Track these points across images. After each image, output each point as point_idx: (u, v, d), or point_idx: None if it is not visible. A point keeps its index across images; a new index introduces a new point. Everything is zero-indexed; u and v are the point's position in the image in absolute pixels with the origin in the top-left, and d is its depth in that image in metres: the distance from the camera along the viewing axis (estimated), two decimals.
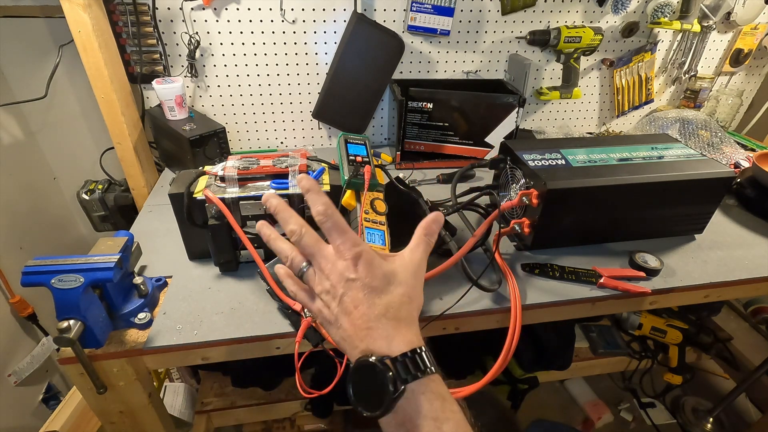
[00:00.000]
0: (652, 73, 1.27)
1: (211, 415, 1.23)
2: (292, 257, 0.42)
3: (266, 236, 0.44)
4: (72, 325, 0.53)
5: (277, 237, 0.44)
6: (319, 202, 0.40)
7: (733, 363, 1.42)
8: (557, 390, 1.56)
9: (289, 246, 0.42)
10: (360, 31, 1.01)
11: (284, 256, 0.42)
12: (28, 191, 1.09)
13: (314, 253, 0.40)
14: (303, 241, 0.40)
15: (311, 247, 0.40)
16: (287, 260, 0.42)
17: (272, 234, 0.44)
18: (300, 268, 0.41)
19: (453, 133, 1.08)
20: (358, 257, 0.39)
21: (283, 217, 0.42)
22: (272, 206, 0.42)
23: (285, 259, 0.42)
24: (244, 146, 1.18)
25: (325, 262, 0.39)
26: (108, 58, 0.88)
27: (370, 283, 0.38)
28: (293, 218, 0.41)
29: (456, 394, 0.59)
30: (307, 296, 0.42)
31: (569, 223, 0.76)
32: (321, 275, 0.40)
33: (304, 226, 0.41)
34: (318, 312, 0.40)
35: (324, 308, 0.40)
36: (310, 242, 0.40)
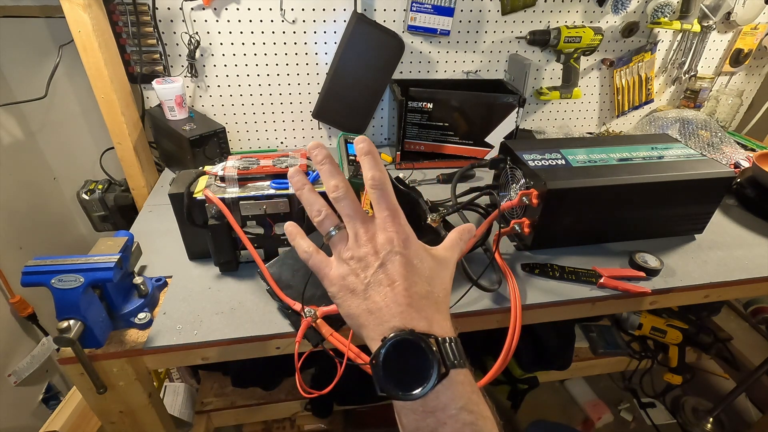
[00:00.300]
0: (652, 73, 1.27)
1: (211, 415, 1.23)
2: (325, 214, 0.38)
3: (299, 184, 0.40)
4: (72, 325, 0.53)
5: (311, 188, 0.40)
6: (375, 167, 0.37)
7: (733, 363, 1.42)
8: (557, 390, 1.56)
9: (322, 201, 0.39)
10: (360, 31, 1.01)
11: (315, 210, 0.38)
12: (28, 191, 1.09)
13: (354, 216, 0.37)
14: (346, 200, 0.37)
15: (353, 209, 0.37)
16: (319, 214, 0.38)
17: (307, 184, 0.40)
18: (330, 229, 0.38)
19: (453, 133, 1.08)
20: (407, 236, 0.37)
21: (329, 170, 0.38)
22: (319, 156, 0.39)
23: (316, 213, 0.38)
24: (244, 146, 1.18)
25: (366, 229, 0.37)
26: (108, 58, 0.88)
27: (413, 262, 0.36)
28: (339, 176, 0.38)
29: None
30: (323, 260, 0.39)
31: (569, 223, 0.76)
32: (356, 241, 0.37)
33: (349, 188, 0.38)
34: (338, 278, 0.37)
35: (351, 275, 0.36)
36: (354, 204, 0.37)
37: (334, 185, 0.38)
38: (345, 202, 0.37)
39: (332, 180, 0.38)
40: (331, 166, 0.39)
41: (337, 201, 0.37)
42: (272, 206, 0.68)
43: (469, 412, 0.31)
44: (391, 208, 0.37)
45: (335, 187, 0.37)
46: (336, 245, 0.38)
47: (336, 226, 0.38)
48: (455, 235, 0.42)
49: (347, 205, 0.37)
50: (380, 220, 0.37)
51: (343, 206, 0.37)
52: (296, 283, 0.64)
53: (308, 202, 0.39)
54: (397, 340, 0.32)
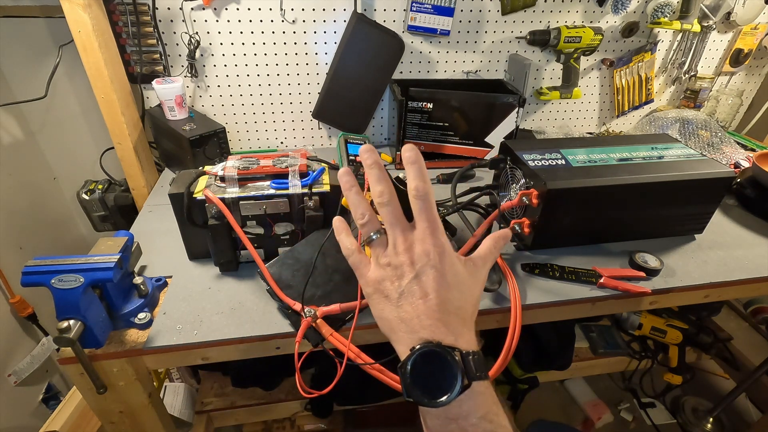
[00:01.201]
0: (652, 73, 1.27)
1: (211, 415, 1.23)
2: (369, 217, 0.40)
3: (348, 184, 0.41)
4: (72, 325, 0.52)
5: (358, 190, 0.41)
6: (420, 177, 0.39)
7: (733, 363, 1.42)
8: (557, 390, 1.56)
9: (367, 205, 0.40)
10: (360, 31, 1.01)
11: (359, 213, 0.40)
12: (28, 191, 1.09)
13: (395, 224, 0.39)
14: (390, 207, 0.39)
15: (396, 217, 0.39)
16: (362, 218, 0.40)
17: (355, 185, 0.41)
18: (371, 233, 0.40)
19: (453, 133, 1.08)
20: (444, 250, 0.38)
21: (377, 175, 0.40)
22: (369, 160, 0.41)
23: (360, 216, 0.40)
24: (244, 146, 1.18)
25: (405, 238, 0.38)
26: (108, 58, 0.88)
27: (447, 277, 0.37)
28: (386, 182, 0.40)
29: None
30: (364, 259, 0.40)
31: (569, 223, 0.76)
32: (395, 249, 0.38)
33: (394, 195, 0.39)
34: (374, 281, 0.39)
35: (386, 281, 0.38)
36: (397, 212, 0.39)
37: (380, 191, 0.39)
38: (389, 209, 0.39)
39: (379, 185, 0.39)
40: (380, 171, 0.40)
41: (381, 206, 0.39)
42: (272, 206, 0.68)
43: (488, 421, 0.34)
44: (431, 220, 0.38)
45: (381, 193, 0.39)
46: (375, 249, 0.40)
47: (377, 231, 0.40)
48: (490, 243, 0.43)
49: (390, 211, 0.39)
50: (419, 232, 0.38)
51: (386, 212, 0.39)
52: (296, 283, 0.64)
53: (354, 204, 0.41)
54: (424, 351, 0.34)
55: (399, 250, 0.38)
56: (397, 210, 0.39)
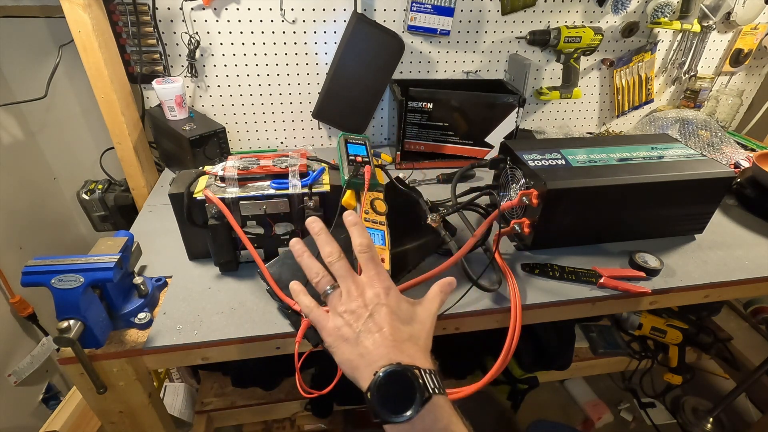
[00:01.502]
0: (652, 73, 1.27)
1: (211, 415, 1.23)
2: (322, 276, 0.45)
3: (299, 252, 0.47)
4: (72, 325, 0.52)
5: (309, 255, 0.47)
6: (363, 236, 0.46)
7: (733, 363, 1.42)
8: (557, 390, 1.56)
9: (319, 266, 0.46)
10: (360, 31, 1.00)
11: (314, 273, 0.46)
12: (28, 191, 1.09)
13: (346, 276, 0.44)
14: (338, 264, 0.45)
15: (345, 270, 0.45)
16: (316, 277, 0.46)
17: (305, 251, 0.47)
18: (326, 288, 0.45)
19: (453, 133, 1.08)
20: (389, 289, 0.44)
21: (324, 239, 0.46)
22: (315, 228, 0.47)
23: (314, 275, 0.46)
24: (244, 146, 1.18)
25: (356, 286, 0.44)
26: (108, 58, 0.88)
27: (396, 311, 0.43)
28: (333, 244, 0.46)
29: (456, 394, 0.59)
30: (322, 314, 0.45)
31: (569, 223, 0.76)
32: (349, 296, 0.44)
33: (341, 252, 0.45)
34: (334, 329, 0.43)
35: (345, 326, 0.42)
36: (345, 267, 0.45)
37: (329, 251, 0.45)
38: (338, 265, 0.45)
39: (327, 247, 0.46)
40: (326, 235, 0.47)
41: (332, 264, 0.45)
42: (272, 206, 0.68)
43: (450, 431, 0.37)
44: (377, 268, 0.45)
45: (329, 253, 0.45)
46: (332, 301, 0.44)
47: (331, 286, 0.45)
48: (436, 289, 0.48)
49: (340, 266, 0.45)
50: (367, 278, 0.44)
51: (336, 268, 0.45)
52: None
53: (307, 267, 0.46)
54: (387, 371, 0.38)
55: (353, 296, 0.43)
56: (345, 264, 0.45)
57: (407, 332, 0.42)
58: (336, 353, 0.42)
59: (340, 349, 0.42)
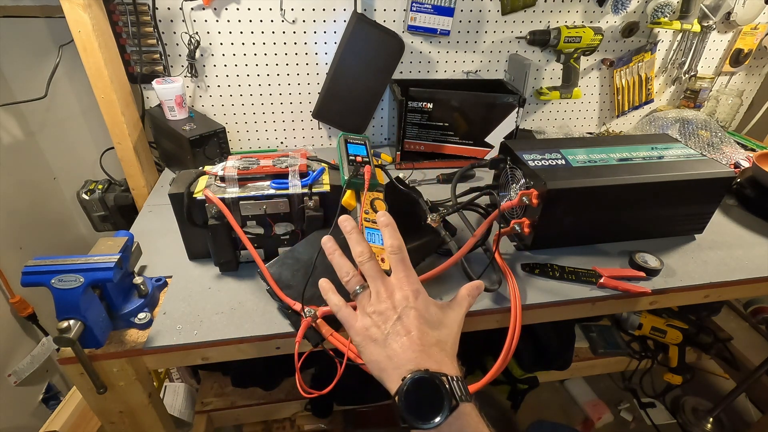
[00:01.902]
0: (652, 73, 1.27)
1: (211, 415, 1.23)
2: (353, 275, 0.46)
3: (330, 249, 0.47)
4: (72, 325, 0.52)
5: (341, 253, 0.47)
6: (395, 237, 0.46)
7: (733, 363, 1.42)
8: (557, 390, 1.56)
9: (350, 265, 0.47)
10: (360, 31, 1.00)
11: (344, 272, 0.46)
12: (28, 191, 1.09)
13: (376, 277, 0.45)
14: (369, 264, 0.45)
15: (375, 271, 0.45)
16: (347, 276, 0.46)
17: (337, 249, 0.47)
18: (356, 288, 0.45)
19: (453, 133, 1.08)
20: (418, 292, 0.44)
21: (356, 238, 0.47)
22: (347, 227, 0.47)
23: (345, 275, 0.46)
24: (244, 146, 1.18)
25: (385, 288, 0.44)
26: (108, 58, 0.88)
27: (425, 315, 0.43)
28: (364, 243, 0.46)
29: None
30: (350, 313, 0.45)
31: (569, 223, 0.76)
32: (378, 298, 0.44)
33: (372, 253, 0.46)
34: (362, 329, 0.43)
35: (373, 327, 0.43)
36: (375, 267, 0.45)
37: (360, 251, 0.46)
38: (369, 265, 0.45)
39: (358, 247, 0.46)
40: (358, 235, 0.47)
41: (362, 264, 0.45)
42: (272, 206, 0.68)
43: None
44: (406, 270, 0.45)
45: (360, 253, 0.46)
46: (361, 301, 0.45)
47: (361, 286, 0.46)
48: (464, 292, 0.48)
49: (371, 267, 0.45)
50: (398, 280, 0.45)
51: (367, 268, 0.45)
52: (296, 283, 0.64)
53: (338, 266, 0.47)
54: (415, 378, 0.38)
55: (382, 298, 0.44)
56: (375, 265, 0.45)
57: (435, 337, 0.42)
58: (363, 353, 0.43)
59: (368, 349, 0.42)
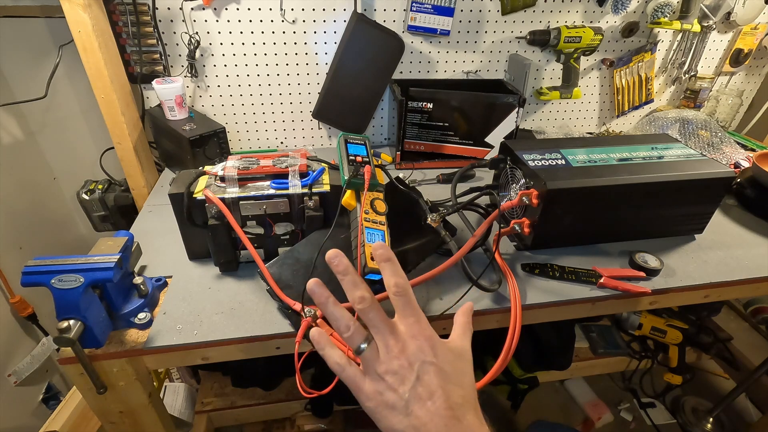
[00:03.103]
0: (652, 73, 1.27)
1: (211, 415, 1.23)
2: (354, 329, 0.37)
3: (322, 297, 0.38)
4: (72, 325, 0.52)
5: (334, 301, 0.38)
6: (398, 274, 0.38)
7: (733, 363, 1.42)
8: (557, 390, 1.56)
9: (349, 315, 0.38)
10: (360, 31, 1.00)
11: (343, 325, 0.37)
12: (28, 191, 1.09)
13: (382, 327, 0.37)
14: (372, 312, 0.37)
15: (380, 320, 0.37)
16: (347, 330, 0.37)
17: (330, 297, 0.38)
18: (360, 343, 0.37)
19: (453, 133, 1.08)
20: (432, 339, 0.37)
21: (353, 281, 0.38)
22: (339, 267, 0.38)
23: (344, 328, 0.37)
24: (244, 146, 1.18)
25: (395, 340, 0.36)
26: (108, 58, 0.88)
27: (445, 368, 0.36)
28: (363, 285, 0.37)
29: None
30: (357, 374, 0.38)
31: (569, 223, 0.76)
32: (389, 353, 0.36)
33: (373, 297, 0.37)
34: (375, 394, 0.36)
35: (388, 391, 0.36)
36: (381, 315, 0.37)
37: (360, 296, 0.37)
38: (372, 314, 0.37)
39: (357, 291, 0.37)
40: (353, 276, 0.38)
41: (364, 313, 0.37)
42: (272, 206, 0.68)
43: None
44: (416, 314, 0.38)
45: (361, 299, 0.37)
46: (368, 359, 0.37)
47: (365, 339, 0.37)
48: (463, 319, 0.43)
49: (375, 316, 0.37)
50: (406, 328, 0.37)
51: (371, 318, 0.37)
52: (296, 283, 0.64)
53: (334, 317, 0.38)
54: None
55: (393, 354, 0.36)
56: (380, 312, 0.37)
57: (460, 395, 0.36)
58: (380, 421, 0.36)
59: (386, 419, 0.35)
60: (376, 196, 0.65)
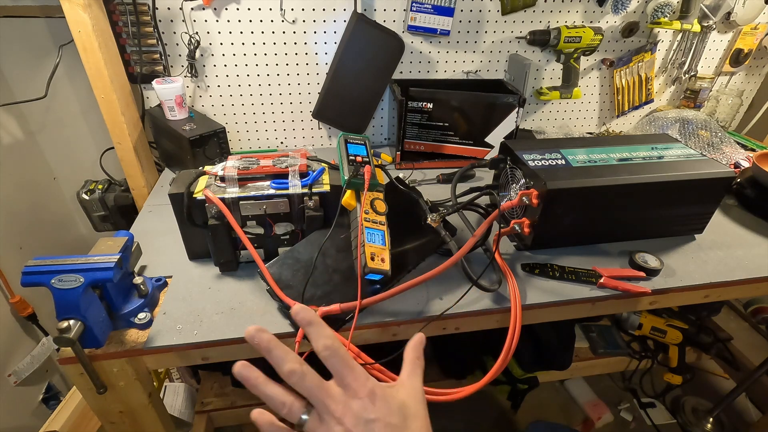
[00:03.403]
0: (652, 73, 1.27)
1: (211, 415, 1.23)
2: (289, 403, 0.35)
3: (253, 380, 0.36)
4: (72, 325, 0.53)
5: (265, 380, 0.36)
6: (322, 335, 0.37)
7: (733, 363, 1.42)
8: (557, 390, 1.56)
9: (282, 390, 0.36)
10: (360, 31, 1.00)
11: (279, 403, 0.36)
12: (28, 191, 1.09)
13: (319, 395, 0.35)
14: (305, 382, 0.35)
15: (316, 389, 0.35)
16: (283, 407, 0.35)
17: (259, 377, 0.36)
18: (300, 417, 0.35)
19: (453, 133, 1.08)
20: (373, 393, 0.36)
21: (278, 355, 0.36)
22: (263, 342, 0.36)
23: (280, 406, 0.35)
24: (244, 146, 1.18)
25: (335, 405, 0.35)
26: (108, 58, 0.88)
27: (390, 421, 0.35)
28: (290, 355, 0.36)
29: (456, 394, 0.59)
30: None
31: (569, 223, 0.76)
32: (331, 421, 0.34)
33: (304, 365, 0.36)
34: None
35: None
36: (315, 382, 0.35)
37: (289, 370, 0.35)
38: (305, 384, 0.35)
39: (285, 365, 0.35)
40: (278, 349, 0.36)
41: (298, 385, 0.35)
42: (272, 206, 0.68)
43: None
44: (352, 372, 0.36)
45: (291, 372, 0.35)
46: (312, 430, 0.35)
47: (305, 410, 0.36)
48: (412, 355, 0.41)
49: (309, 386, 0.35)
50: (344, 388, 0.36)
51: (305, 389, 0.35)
52: (296, 283, 0.64)
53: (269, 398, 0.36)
54: None
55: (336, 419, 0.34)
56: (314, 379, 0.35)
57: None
58: None
59: None
60: (376, 196, 0.66)
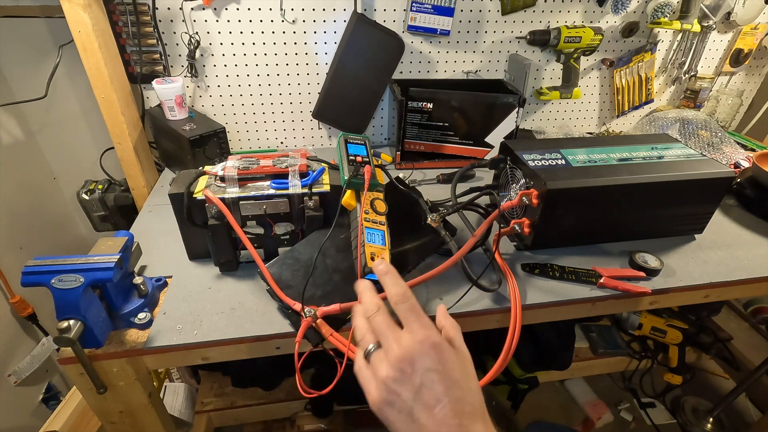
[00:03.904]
0: (652, 73, 1.27)
1: (211, 415, 1.23)
2: (363, 333, 0.40)
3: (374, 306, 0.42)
4: (72, 325, 0.53)
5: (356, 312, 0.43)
6: (397, 284, 0.41)
7: (733, 363, 1.42)
8: (557, 390, 1.56)
9: (364, 322, 0.41)
10: (360, 31, 1.00)
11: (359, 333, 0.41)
12: (28, 191, 1.09)
13: (385, 333, 0.38)
14: (376, 319, 0.40)
15: (382, 326, 0.39)
16: (360, 335, 0.41)
17: (358, 309, 0.43)
18: (368, 348, 0.39)
19: (453, 133, 1.08)
20: (438, 345, 0.37)
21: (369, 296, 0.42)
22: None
23: (359, 335, 0.41)
24: (244, 146, 1.18)
25: (399, 345, 0.37)
26: (108, 58, 0.88)
27: (450, 375, 0.36)
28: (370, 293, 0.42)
29: None
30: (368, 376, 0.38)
31: (569, 223, 0.76)
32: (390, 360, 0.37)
33: (380, 306, 0.41)
34: (379, 399, 0.36)
35: (392, 396, 0.36)
36: (383, 320, 0.39)
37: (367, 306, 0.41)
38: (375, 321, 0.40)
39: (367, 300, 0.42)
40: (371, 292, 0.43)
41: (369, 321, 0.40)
42: (272, 206, 0.68)
43: None
44: (420, 319, 0.38)
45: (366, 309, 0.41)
46: (374, 363, 0.38)
47: (374, 343, 0.39)
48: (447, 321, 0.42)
49: (378, 323, 0.39)
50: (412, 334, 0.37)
51: (374, 325, 0.40)
52: (296, 283, 0.64)
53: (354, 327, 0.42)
54: None
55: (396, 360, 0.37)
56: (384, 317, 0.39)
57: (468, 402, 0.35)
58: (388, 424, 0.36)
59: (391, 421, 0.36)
60: (376, 196, 0.66)
